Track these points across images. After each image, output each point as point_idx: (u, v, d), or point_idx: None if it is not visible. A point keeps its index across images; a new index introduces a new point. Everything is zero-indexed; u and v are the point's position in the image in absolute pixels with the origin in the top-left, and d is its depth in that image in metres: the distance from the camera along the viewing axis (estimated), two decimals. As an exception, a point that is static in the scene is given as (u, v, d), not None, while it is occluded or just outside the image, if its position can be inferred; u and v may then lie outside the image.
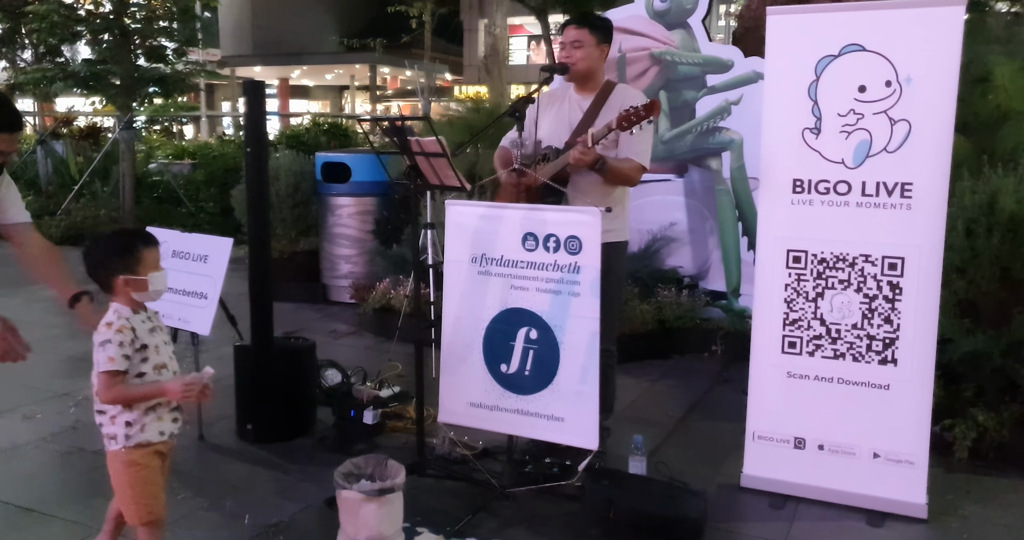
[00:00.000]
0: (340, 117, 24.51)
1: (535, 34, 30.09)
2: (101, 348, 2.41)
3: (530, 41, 30.98)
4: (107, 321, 2.46)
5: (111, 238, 2.56)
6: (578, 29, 3.54)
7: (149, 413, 2.51)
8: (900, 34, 3.07)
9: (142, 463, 2.50)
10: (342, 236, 6.58)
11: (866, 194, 3.19)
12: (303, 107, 34.35)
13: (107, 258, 2.49)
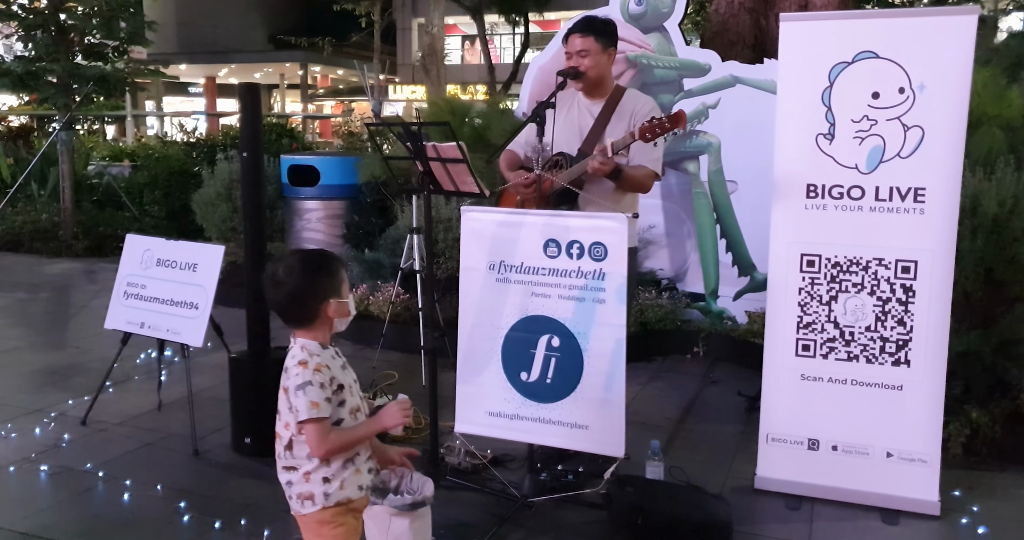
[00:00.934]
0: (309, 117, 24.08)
1: (469, 34, 30.07)
2: (300, 392, 2.08)
3: (464, 41, 30.93)
4: (299, 359, 2.12)
5: (313, 259, 2.19)
6: (583, 37, 3.53)
7: (348, 466, 2.23)
8: (913, 42, 3.13)
9: (341, 523, 2.22)
10: (310, 241, 6.43)
11: (879, 199, 3.25)
12: (231, 106, 33.53)
13: (317, 282, 2.14)
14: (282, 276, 2.12)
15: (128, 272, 4.18)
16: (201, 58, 29.31)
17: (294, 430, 2.16)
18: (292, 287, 2.11)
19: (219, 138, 11.48)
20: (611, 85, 3.62)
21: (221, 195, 6.42)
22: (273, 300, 2.16)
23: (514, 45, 28.02)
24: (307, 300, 2.12)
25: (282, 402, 2.16)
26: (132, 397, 4.61)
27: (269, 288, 2.15)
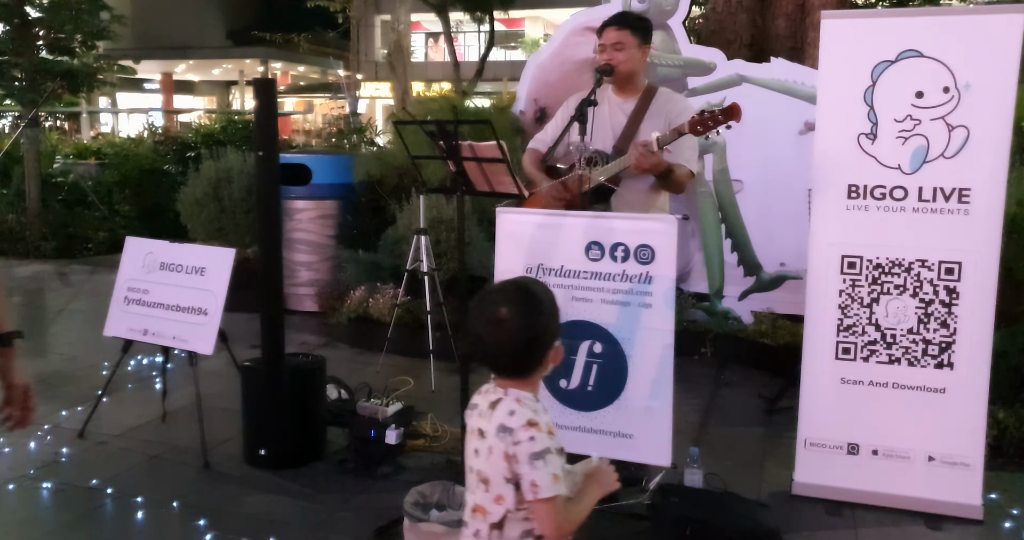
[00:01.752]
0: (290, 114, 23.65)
1: (433, 31, 29.83)
2: (540, 462, 1.68)
3: (428, 38, 30.68)
4: (526, 419, 1.72)
5: (538, 293, 1.82)
6: (619, 30, 3.41)
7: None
8: (959, 41, 3.08)
9: None
10: (301, 242, 6.23)
11: (923, 199, 3.20)
12: (188, 103, 32.88)
13: (548, 322, 1.80)
14: (507, 315, 1.74)
15: (129, 277, 3.97)
16: (157, 54, 28.58)
17: (511, 505, 1.74)
18: (519, 329, 1.75)
19: (189, 136, 11.19)
20: (643, 83, 3.52)
21: (208, 195, 6.20)
22: (492, 344, 1.76)
23: (479, 43, 27.85)
24: (537, 344, 1.78)
25: (493, 469, 1.74)
26: (129, 407, 4.40)
27: (487, 329, 1.77)
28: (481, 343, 1.77)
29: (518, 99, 6.15)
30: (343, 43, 30.40)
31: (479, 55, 25.97)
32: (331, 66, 30.62)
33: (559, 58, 5.96)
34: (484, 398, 1.83)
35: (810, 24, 6.09)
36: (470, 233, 5.44)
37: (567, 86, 5.94)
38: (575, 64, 5.91)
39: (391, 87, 22.10)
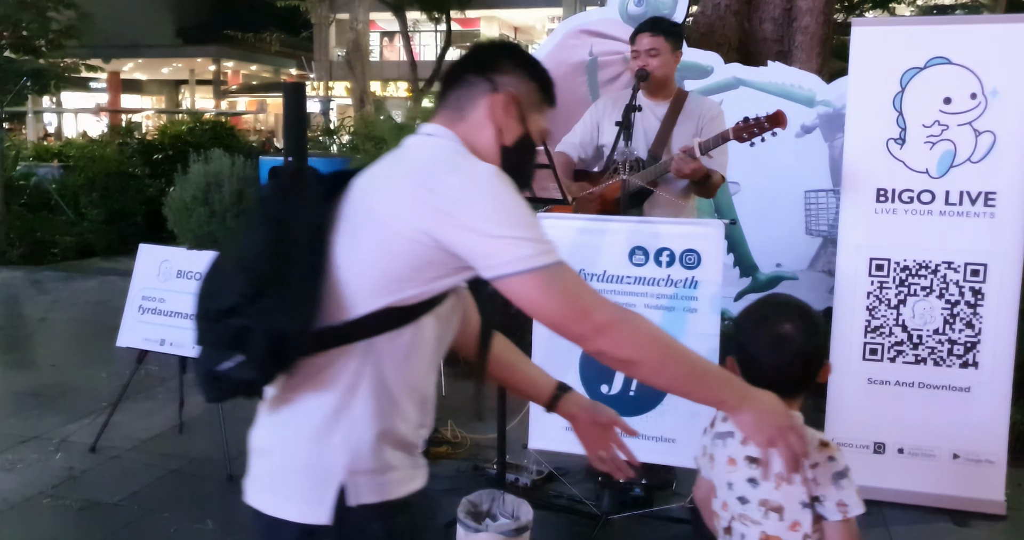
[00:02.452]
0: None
1: (388, 31, 29.63)
2: (844, 480, 1.60)
3: (383, 37, 30.45)
4: (819, 440, 1.63)
5: (813, 312, 1.74)
6: (653, 36, 3.43)
7: None
8: (987, 48, 3.17)
9: None
10: (294, 246, 6.13)
11: (949, 203, 3.28)
12: (136, 102, 32.15)
13: (822, 340, 1.75)
14: (790, 332, 1.66)
15: (143, 285, 3.87)
16: (103, 51, 27.88)
17: (808, 529, 1.64)
18: (802, 346, 1.67)
19: (156, 137, 10.95)
20: (674, 87, 3.54)
21: (197, 199, 6.06)
22: (771, 364, 1.66)
23: (436, 42, 27.74)
24: (814, 364, 1.70)
25: (786, 496, 1.64)
26: (136, 419, 4.28)
27: (766, 348, 1.67)
28: (756, 363, 1.67)
29: (512, 101, 6.12)
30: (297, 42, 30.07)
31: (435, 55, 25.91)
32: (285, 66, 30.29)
33: (554, 60, 5.94)
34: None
35: (797, 28, 6.18)
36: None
37: (563, 88, 5.88)
38: (571, 66, 5.91)
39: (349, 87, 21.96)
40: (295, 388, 1.40)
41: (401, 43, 25.87)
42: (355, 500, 1.37)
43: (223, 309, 1.34)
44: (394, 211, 1.34)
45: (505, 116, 1.47)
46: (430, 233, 1.32)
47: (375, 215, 1.35)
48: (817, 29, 6.19)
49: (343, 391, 1.37)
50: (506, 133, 1.47)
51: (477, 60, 1.51)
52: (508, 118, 1.47)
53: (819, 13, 6.16)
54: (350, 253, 1.35)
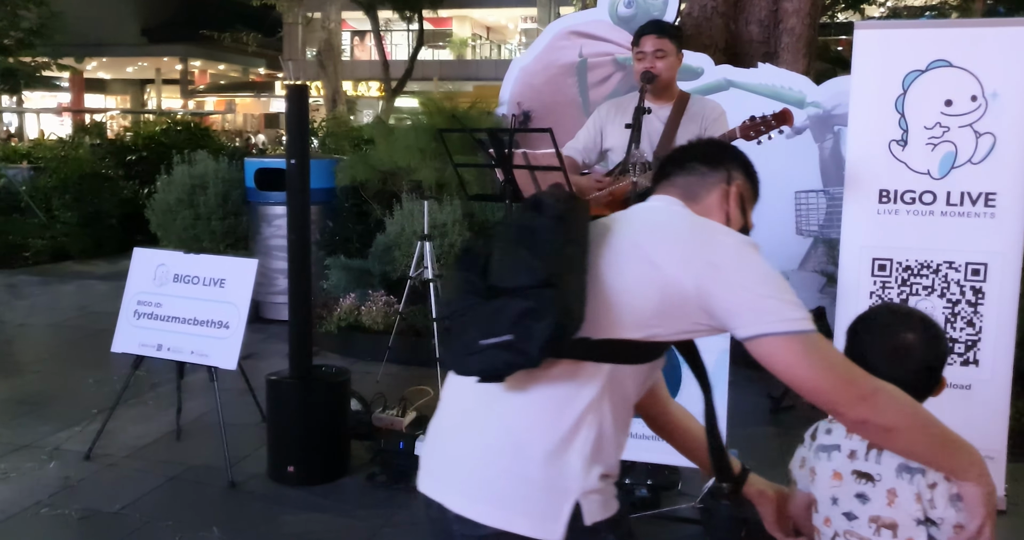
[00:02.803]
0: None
1: (359, 30, 29.44)
2: (960, 504, 1.53)
3: (353, 36, 30.23)
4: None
5: (934, 322, 1.73)
6: (659, 38, 3.43)
7: None
8: (987, 51, 3.21)
9: None
10: (280, 248, 6.06)
11: (951, 203, 3.32)
12: (99, 102, 31.63)
13: (945, 350, 1.73)
14: (915, 344, 1.65)
15: (139, 289, 3.80)
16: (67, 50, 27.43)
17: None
18: (924, 357, 1.66)
19: (127, 138, 10.79)
20: (676, 90, 3.55)
21: (182, 201, 5.97)
22: (892, 375, 1.56)
23: (408, 41, 27.60)
24: (935, 376, 1.68)
25: (900, 514, 1.59)
26: (129, 425, 4.20)
27: (887, 358, 1.64)
28: (875, 373, 1.55)
29: (501, 102, 6.12)
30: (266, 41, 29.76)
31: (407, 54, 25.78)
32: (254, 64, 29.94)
33: (543, 62, 5.96)
34: (849, 439, 1.68)
35: (783, 30, 6.24)
36: (464, 239, 5.40)
37: (552, 90, 5.96)
38: (559, 68, 5.92)
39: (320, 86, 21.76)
40: (533, 401, 1.43)
41: (372, 42, 25.69)
42: (590, 518, 1.41)
43: (508, 288, 1.38)
44: (669, 258, 1.44)
45: (734, 206, 1.62)
46: (700, 286, 1.41)
47: (646, 255, 1.45)
48: (803, 31, 6.25)
49: (584, 411, 1.42)
50: (733, 221, 1.61)
51: (711, 155, 1.67)
52: (735, 208, 1.62)
53: (805, 15, 6.22)
54: (616, 279, 1.44)
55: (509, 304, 1.36)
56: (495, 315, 1.37)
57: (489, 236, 1.52)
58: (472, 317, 1.41)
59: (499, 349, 1.35)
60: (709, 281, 1.41)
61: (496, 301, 1.38)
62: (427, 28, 25.59)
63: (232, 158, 6.41)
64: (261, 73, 32.19)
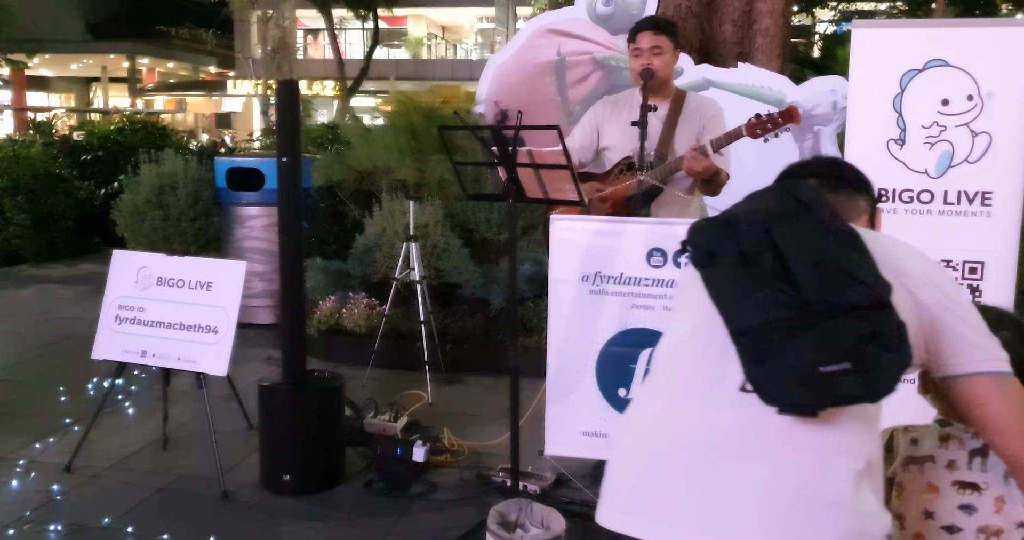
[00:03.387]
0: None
1: (312, 28, 29.09)
2: None
3: (307, 35, 29.85)
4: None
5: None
6: (656, 35, 3.41)
7: None
8: (983, 51, 3.24)
9: None
10: (254, 250, 5.92)
11: (948, 202, 3.35)
12: (42, 100, 30.73)
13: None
14: (1010, 339, 1.62)
15: (120, 293, 3.65)
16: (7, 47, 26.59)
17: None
18: (1015, 353, 1.61)
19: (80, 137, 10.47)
20: (672, 87, 3.53)
21: (151, 202, 5.79)
22: None
23: (362, 40, 27.35)
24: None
25: (1006, 521, 1.61)
26: (108, 435, 4.04)
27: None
28: None
29: (477, 100, 6.06)
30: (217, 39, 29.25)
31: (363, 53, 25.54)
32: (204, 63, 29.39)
33: (520, 60, 5.91)
34: (945, 449, 1.70)
35: (757, 30, 6.28)
36: (446, 240, 5.33)
37: (530, 89, 5.92)
38: (537, 66, 5.88)
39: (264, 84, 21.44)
40: (840, 440, 1.33)
41: (326, 41, 25.40)
42: None
43: (839, 305, 1.27)
44: (911, 280, 1.43)
45: (876, 227, 1.73)
46: (932, 314, 1.41)
47: (895, 275, 1.40)
48: (777, 31, 6.30)
49: (877, 452, 1.37)
50: None
51: (859, 180, 1.73)
52: (876, 229, 1.72)
53: (778, 15, 6.27)
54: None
55: (844, 326, 1.25)
56: (829, 337, 1.25)
57: (756, 232, 1.38)
58: (799, 337, 1.26)
59: (839, 378, 1.24)
60: (940, 309, 1.39)
61: (826, 321, 1.25)
62: (382, 27, 25.40)
63: (201, 157, 6.24)
64: (212, 71, 31.62)
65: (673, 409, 1.44)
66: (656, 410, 1.47)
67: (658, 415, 1.46)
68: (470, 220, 5.61)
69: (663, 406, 1.46)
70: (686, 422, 1.41)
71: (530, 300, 5.27)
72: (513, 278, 3.31)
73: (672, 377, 1.51)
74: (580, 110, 5.81)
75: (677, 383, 1.49)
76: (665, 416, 1.44)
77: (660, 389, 1.53)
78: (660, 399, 1.49)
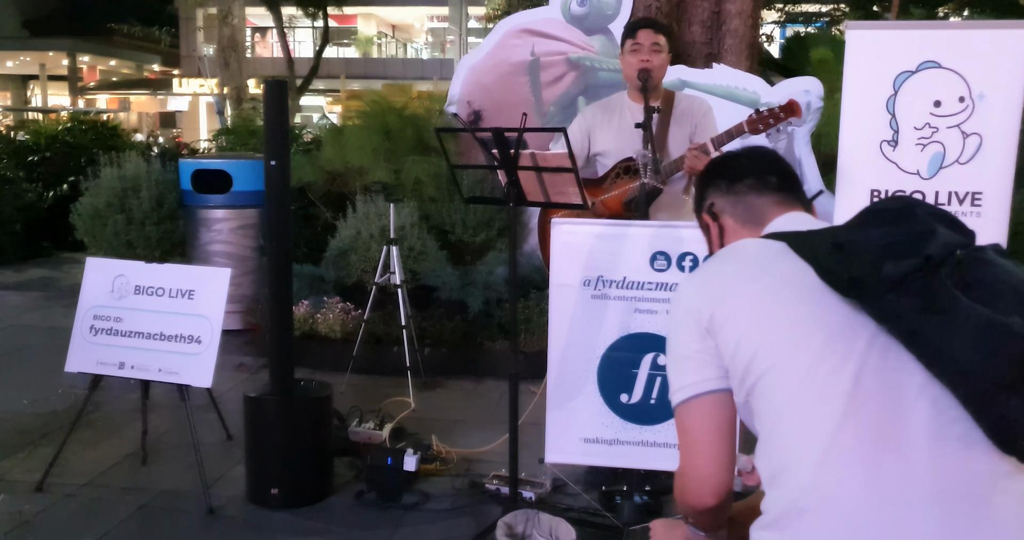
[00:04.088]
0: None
1: (259, 26, 28.57)
2: None
3: (254, 33, 29.31)
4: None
5: None
6: (656, 33, 3.37)
7: None
8: (974, 53, 3.28)
9: None
10: (221, 254, 5.75)
11: (939, 203, 3.38)
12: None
13: None
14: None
15: (93, 303, 3.49)
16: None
17: None
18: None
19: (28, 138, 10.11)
20: (662, 88, 3.50)
21: (113, 206, 5.58)
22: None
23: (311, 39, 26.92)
24: None
25: None
26: (80, 450, 3.86)
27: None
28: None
29: (449, 101, 5.97)
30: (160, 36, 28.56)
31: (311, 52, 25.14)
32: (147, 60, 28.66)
33: (494, 60, 5.84)
34: None
35: (726, 31, 6.30)
36: (423, 242, 5.23)
37: (503, 89, 5.85)
38: (511, 66, 5.81)
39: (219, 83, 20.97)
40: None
41: (274, 39, 24.95)
42: None
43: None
44: None
45: None
46: None
47: None
48: (746, 32, 6.33)
49: None
50: None
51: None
52: None
53: (747, 16, 6.30)
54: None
55: None
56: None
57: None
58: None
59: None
60: None
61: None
62: (332, 26, 25.04)
63: (164, 158, 6.04)
64: (156, 70, 30.89)
65: (868, 464, 1.28)
66: (850, 472, 1.28)
67: (857, 478, 1.28)
68: (445, 222, 5.53)
69: (854, 465, 1.28)
70: (893, 477, 1.27)
71: (507, 302, 5.21)
72: (514, 282, 3.25)
73: (824, 424, 1.31)
74: (555, 110, 5.77)
75: (834, 432, 1.30)
76: (867, 476, 1.28)
77: (812, 442, 1.31)
78: (839, 457, 1.29)
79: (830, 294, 1.35)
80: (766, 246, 1.50)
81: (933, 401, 1.26)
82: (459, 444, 3.96)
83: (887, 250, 1.28)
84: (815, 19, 20.16)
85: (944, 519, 1.23)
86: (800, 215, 1.59)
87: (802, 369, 1.34)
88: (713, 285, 1.50)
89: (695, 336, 1.47)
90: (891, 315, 1.27)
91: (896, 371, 1.28)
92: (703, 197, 1.70)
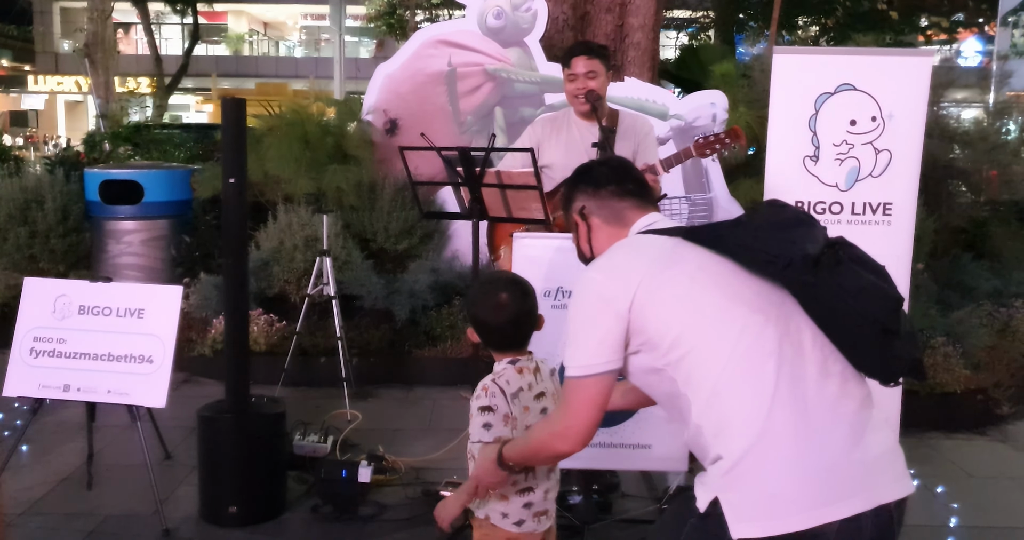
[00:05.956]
0: None
1: (123, 22, 27.24)
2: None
3: (118, 29, 27.92)
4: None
5: (523, 281, 2.43)
6: (590, 59, 3.53)
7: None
8: (883, 77, 3.60)
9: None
10: (131, 267, 5.55)
11: (855, 213, 3.69)
12: None
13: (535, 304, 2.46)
14: (507, 301, 2.25)
15: (34, 325, 3.35)
16: None
17: None
18: (516, 312, 2.26)
19: None
20: (606, 107, 3.67)
21: (14, 218, 5.28)
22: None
23: (182, 35, 25.91)
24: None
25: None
26: (13, 477, 3.68)
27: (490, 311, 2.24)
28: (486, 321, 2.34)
29: (365, 109, 5.97)
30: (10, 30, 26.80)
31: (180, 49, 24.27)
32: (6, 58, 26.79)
33: (410, 70, 5.88)
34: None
35: (630, 44, 6.58)
36: (348, 251, 5.23)
37: (420, 98, 5.90)
38: (428, 76, 5.88)
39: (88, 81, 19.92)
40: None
41: (139, 35, 23.91)
42: None
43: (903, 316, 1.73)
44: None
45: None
46: None
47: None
48: (648, 45, 6.63)
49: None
50: None
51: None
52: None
53: (649, 30, 6.61)
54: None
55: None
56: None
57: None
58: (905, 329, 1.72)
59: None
60: None
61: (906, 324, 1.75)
62: (201, 22, 24.21)
63: (65, 167, 5.76)
64: (5, 66, 28.94)
65: (796, 405, 1.62)
66: (781, 413, 1.61)
67: (787, 417, 1.60)
68: (367, 230, 5.54)
69: (785, 406, 1.62)
70: (815, 413, 1.62)
71: (432, 310, 5.28)
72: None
73: (767, 377, 1.64)
74: (472, 120, 5.87)
75: (776, 382, 1.64)
76: (796, 414, 1.61)
77: (761, 392, 1.64)
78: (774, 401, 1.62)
79: (740, 273, 1.72)
80: (661, 240, 1.81)
81: (820, 348, 1.69)
82: (402, 453, 4.02)
83: (803, 238, 1.71)
84: (686, 26, 21.09)
85: (850, 430, 1.62)
86: (657, 215, 1.95)
87: (735, 336, 1.66)
88: (630, 273, 1.75)
89: (609, 320, 1.73)
90: (808, 284, 1.68)
91: (799, 330, 1.69)
92: (572, 199, 2.02)
